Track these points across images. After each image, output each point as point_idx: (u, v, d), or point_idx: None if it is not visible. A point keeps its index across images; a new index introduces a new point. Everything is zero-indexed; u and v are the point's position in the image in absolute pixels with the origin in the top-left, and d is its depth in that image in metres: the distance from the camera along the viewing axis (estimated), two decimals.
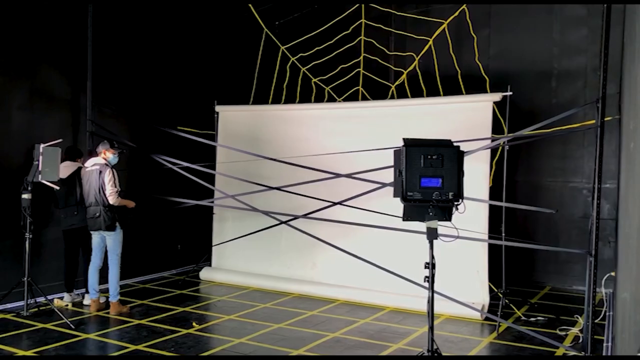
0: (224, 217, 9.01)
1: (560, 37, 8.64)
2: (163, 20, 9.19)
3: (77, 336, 6.03)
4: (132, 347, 5.69)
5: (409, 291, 6.74)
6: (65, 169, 7.10)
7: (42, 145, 6.53)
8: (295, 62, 9.04)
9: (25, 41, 7.32)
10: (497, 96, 7.05)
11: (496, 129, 7.16)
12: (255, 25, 9.07)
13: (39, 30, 7.47)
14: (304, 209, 7.34)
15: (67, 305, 7.19)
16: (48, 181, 6.61)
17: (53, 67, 7.67)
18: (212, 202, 8.52)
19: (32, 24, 7.39)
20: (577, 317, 6.80)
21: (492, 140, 6.69)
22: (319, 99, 9.15)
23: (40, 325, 6.34)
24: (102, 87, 8.05)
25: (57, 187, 6.84)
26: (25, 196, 6.60)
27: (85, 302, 7.26)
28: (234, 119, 9.16)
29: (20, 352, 5.47)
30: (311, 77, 9.11)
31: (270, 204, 7.97)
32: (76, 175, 7.15)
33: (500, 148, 7.04)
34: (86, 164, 7.03)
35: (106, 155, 6.97)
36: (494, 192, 7.17)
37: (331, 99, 9.11)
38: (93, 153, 7.25)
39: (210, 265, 9.17)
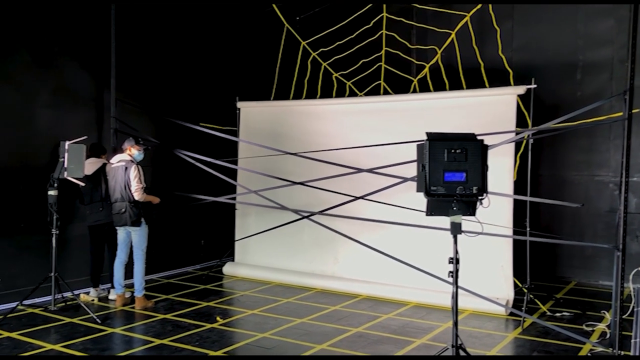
0: (246, 213, 9.06)
1: (585, 28, 8.50)
2: (185, 18, 9.24)
3: (103, 330, 6.11)
4: (157, 342, 5.75)
5: (432, 286, 6.70)
6: (90, 166, 7.19)
7: (67, 143, 6.61)
8: (317, 57, 9.02)
9: (50, 40, 7.42)
10: (521, 89, 6.96)
11: (520, 122, 7.07)
12: (276, 20, 9.08)
13: (63, 28, 7.57)
14: (326, 204, 7.34)
15: (93, 300, 7.29)
16: (73, 178, 6.70)
17: (77, 65, 7.77)
18: (235, 198, 8.56)
19: (57, 23, 7.49)
20: (604, 313, 6.69)
21: (517, 134, 6.61)
22: (340, 93, 9.12)
23: (68, 320, 6.45)
24: (126, 84, 8.13)
25: (83, 184, 6.93)
26: (51, 193, 6.70)
27: (111, 296, 7.35)
28: (255, 115, 9.19)
29: (49, 346, 5.57)
30: (332, 71, 9.09)
31: (292, 199, 7.98)
32: (101, 172, 7.24)
33: (525, 141, 6.95)
34: (112, 161, 7.11)
35: (131, 151, 7.05)
36: (518, 186, 7.09)
37: (352, 94, 9.08)
38: (118, 150, 7.33)
39: (233, 260, 9.23)
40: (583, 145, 8.56)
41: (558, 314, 6.71)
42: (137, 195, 6.85)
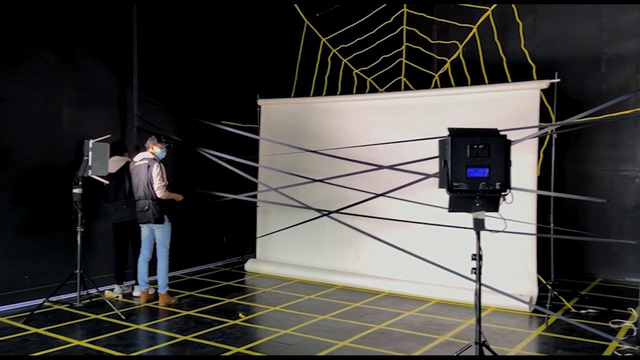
0: (267, 210, 9.09)
1: (610, 21, 8.36)
2: (206, 16, 9.29)
3: (128, 327, 6.19)
4: (181, 338, 5.81)
5: (454, 283, 6.66)
6: (114, 164, 7.27)
7: (91, 141, 6.69)
8: (337, 53, 9.01)
9: (74, 39, 7.51)
10: (544, 83, 6.88)
11: (543, 117, 6.98)
12: (296, 18, 9.08)
13: (87, 28, 7.65)
14: (347, 201, 7.33)
15: (117, 296, 7.38)
16: (97, 176, 6.78)
17: (101, 64, 7.85)
18: (256, 195, 8.59)
19: (80, 23, 7.58)
20: (631, 310, 6.59)
21: (540, 129, 6.53)
22: (361, 90, 9.09)
23: (93, 316, 6.54)
24: (148, 83, 8.21)
25: (107, 182, 7.02)
26: (76, 191, 6.79)
27: (135, 293, 7.44)
28: (276, 112, 9.21)
29: (75, 342, 5.65)
30: (352, 68, 9.07)
31: (313, 197, 7.99)
32: (125, 170, 7.32)
33: (548, 137, 6.87)
34: (135, 159, 7.18)
35: (154, 149, 7.11)
36: (542, 182, 7.01)
37: (373, 90, 9.04)
38: (141, 148, 7.40)
39: (255, 257, 9.27)
40: (608, 140, 8.43)
41: (583, 311, 6.62)
42: (160, 193, 6.91)
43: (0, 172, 6.81)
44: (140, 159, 7.10)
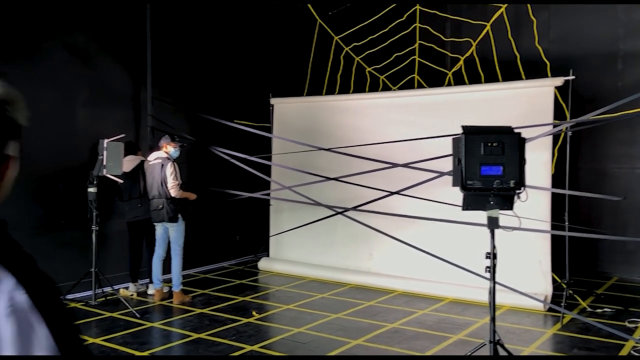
0: (280, 208, 9.10)
1: (626, 17, 8.26)
2: (218, 16, 9.32)
3: (142, 325, 6.23)
4: (195, 336, 5.84)
5: (468, 282, 6.62)
6: (128, 163, 7.32)
7: (105, 141, 6.75)
8: (349, 51, 8.99)
9: (88, 39, 7.57)
10: (559, 81, 6.82)
11: (558, 115, 6.93)
12: (308, 16, 9.08)
13: (101, 28, 7.70)
14: (360, 200, 7.32)
15: (132, 294, 7.43)
16: (112, 175, 6.84)
17: (115, 64, 7.91)
18: (269, 194, 8.61)
19: (95, 23, 7.63)
20: None
21: (554, 126, 6.47)
22: (374, 88, 9.08)
23: (108, 314, 6.59)
24: (162, 83, 8.25)
25: (121, 181, 7.07)
26: (91, 190, 6.84)
27: (150, 291, 7.48)
28: (288, 111, 9.22)
29: (90, 340, 5.70)
30: (365, 66, 9.05)
31: (326, 195, 7.98)
32: (139, 169, 7.36)
33: (563, 134, 6.81)
34: (149, 158, 7.23)
35: (167, 149, 7.15)
36: (557, 180, 6.95)
37: (386, 88, 9.02)
38: (155, 147, 7.44)
39: (268, 255, 9.29)
40: (624, 138, 8.34)
41: (599, 310, 6.56)
42: (174, 192, 6.95)
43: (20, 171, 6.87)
44: (154, 158, 7.14)
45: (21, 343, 1.04)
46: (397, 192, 6.98)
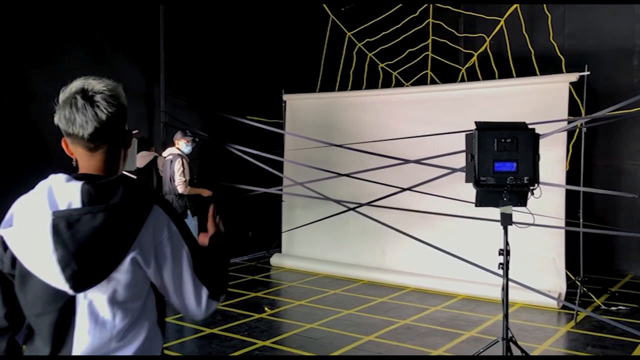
0: (292, 205, 9.12)
1: None
2: (231, 12, 9.33)
3: None
4: (207, 331, 5.87)
5: (481, 279, 6.60)
6: (142, 159, 7.37)
7: None
8: (362, 47, 8.96)
9: (102, 36, 7.62)
10: (574, 76, 6.75)
11: (573, 111, 6.87)
12: (321, 12, 9.06)
13: (115, 25, 7.75)
14: (373, 196, 7.31)
15: None
16: (125, 171, 6.86)
17: (129, 61, 7.95)
18: (281, 189, 8.62)
19: (109, 20, 7.68)
20: None
21: (569, 123, 6.42)
22: (387, 84, 9.05)
23: None
24: (175, 79, 8.29)
25: (134, 177, 7.10)
26: None
27: None
28: (301, 107, 9.22)
29: None
30: (378, 62, 9.02)
31: (338, 191, 7.98)
32: (152, 165, 7.41)
33: (577, 130, 6.75)
34: (163, 154, 7.27)
35: (178, 144, 7.18)
36: (571, 177, 6.90)
37: (399, 84, 8.99)
38: (168, 143, 7.48)
39: (280, 251, 9.31)
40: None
41: (613, 308, 6.51)
42: (180, 188, 6.97)
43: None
44: (167, 154, 7.18)
45: (176, 256, 1.73)
46: (409, 188, 6.95)
